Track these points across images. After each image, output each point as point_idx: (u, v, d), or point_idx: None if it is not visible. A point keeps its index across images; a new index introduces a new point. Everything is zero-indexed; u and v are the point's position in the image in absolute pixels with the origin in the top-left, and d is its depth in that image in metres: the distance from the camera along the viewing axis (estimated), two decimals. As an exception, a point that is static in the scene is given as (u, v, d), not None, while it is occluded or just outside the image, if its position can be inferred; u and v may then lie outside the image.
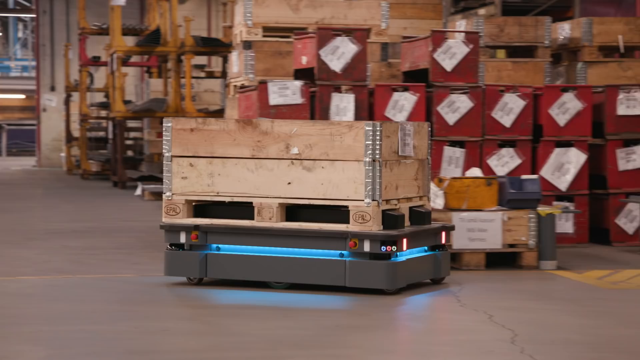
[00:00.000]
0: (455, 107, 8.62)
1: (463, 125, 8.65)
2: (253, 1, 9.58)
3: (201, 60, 22.59)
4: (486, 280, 7.03)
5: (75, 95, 22.75)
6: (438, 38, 8.63)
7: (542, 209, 7.59)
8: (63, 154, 24.35)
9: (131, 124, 21.10)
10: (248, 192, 6.49)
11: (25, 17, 50.19)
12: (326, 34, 8.56)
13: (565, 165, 8.79)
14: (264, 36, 9.68)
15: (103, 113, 21.41)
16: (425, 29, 10.39)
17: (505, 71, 9.62)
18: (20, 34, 54.14)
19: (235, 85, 9.86)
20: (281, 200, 6.42)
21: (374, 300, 6.11)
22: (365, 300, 6.11)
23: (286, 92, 8.49)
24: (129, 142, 20.76)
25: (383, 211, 6.27)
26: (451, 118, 8.63)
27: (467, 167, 8.53)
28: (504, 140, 8.77)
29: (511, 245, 7.52)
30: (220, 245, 6.56)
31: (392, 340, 5.18)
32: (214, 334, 5.27)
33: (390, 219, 6.29)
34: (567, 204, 8.72)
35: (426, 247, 6.64)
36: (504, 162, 8.73)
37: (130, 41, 18.22)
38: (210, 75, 20.02)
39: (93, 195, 15.22)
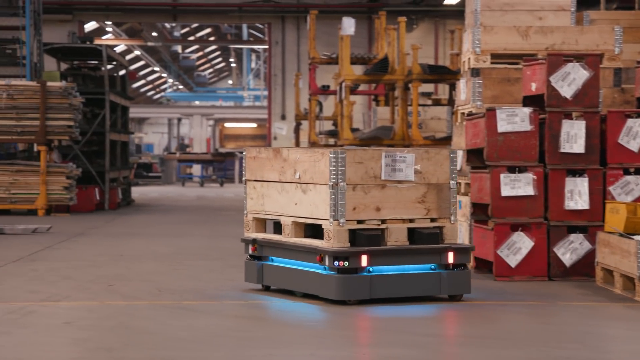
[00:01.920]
0: (694, 133, 8.27)
1: (702, 152, 8.28)
2: (482, 28, 9.53)
3: (428, 87, 22.66)
4: None
5: (305, 124, 23.26)
6: (675, 62, 8.32)
7: None
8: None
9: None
10: (277, 211, 7.41)
11: (258, 48, 51.86)
12: (557, 60, 8.41)
13: None
14: (492, 63, 9.60)
15: (331, 141, 21.75)
16: (661, 53, 10.04)
17: None
18: (253, 65, 55.96)
19: (462, 113, 9.82)
20: (293, 219, 7.24)
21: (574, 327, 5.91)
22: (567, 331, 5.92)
23: (515, 119, 8.38)
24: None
25: (354, 230, 6.92)
26: (689, 145, 8.28)
27: None
28: None
29: None
30: (272, 257, 7.46)
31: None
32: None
33: (361, 238, 6.92)
34: None
35: (433, 265, 7.07)
36: None
37: (358, 70, 18.49)
38: (437, 102, 20.02)
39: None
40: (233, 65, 62.01)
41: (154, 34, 44.27)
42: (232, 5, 28.75)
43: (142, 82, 60.12)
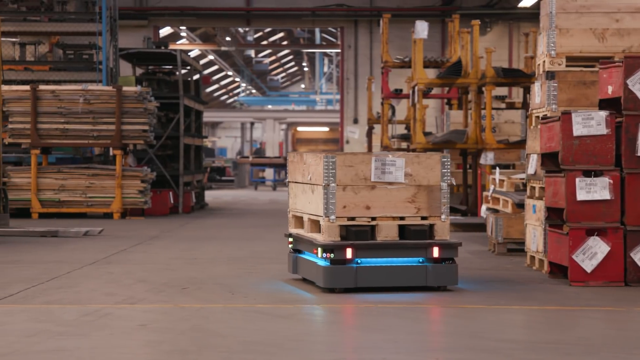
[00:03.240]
0: None
1: None
2: (557, 31, 9.43)
3: (502, 91, 22.49)
4: None
5: (377, 128, 23.23)
6: None
7: None
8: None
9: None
10: (302, 209, 8.22)
11: (330, 52, 51.96)
12: (634, 62, 8.29)
13: None
14: (568, 66, 9.50)
15: (404, 145, 21.72)
16: None
17: None
18: (325, 69, 56.05)
19: (537, 116, 9.73)
20: (308, 215, 8.03)
21: None
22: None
23: (590, 122, 8.29)
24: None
25: (345, 226, 7.67)
26: None
27: None
28: None
29: None
30: (305, 251, 8.17)
31: None
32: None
33: (350, 233, 7.67)
34: None
35: (421, 259, 7.72)
36: None
37: (431, 73, 18.41)
38: (511, 106, 19.84)
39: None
40: (305, 69, 62.20)
41: (228, 38, 44.61)
42: (305, 9, 28.86)
43: (216, 86, 60.60)
